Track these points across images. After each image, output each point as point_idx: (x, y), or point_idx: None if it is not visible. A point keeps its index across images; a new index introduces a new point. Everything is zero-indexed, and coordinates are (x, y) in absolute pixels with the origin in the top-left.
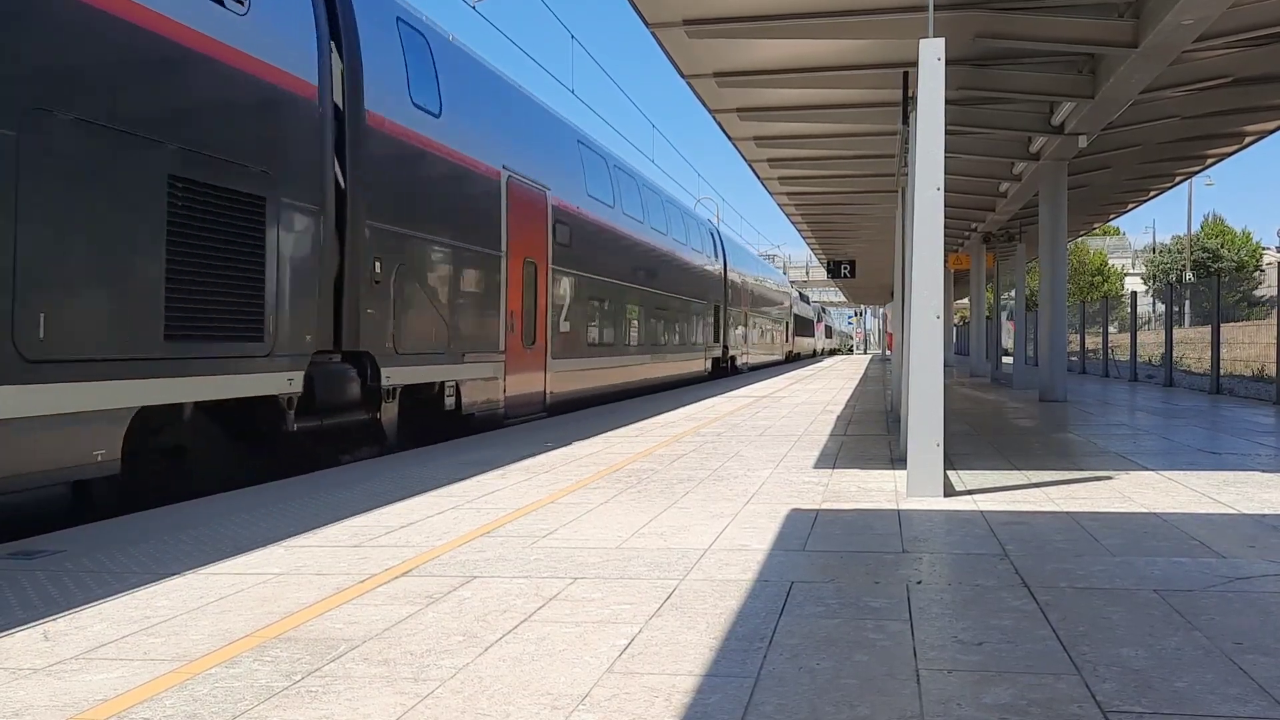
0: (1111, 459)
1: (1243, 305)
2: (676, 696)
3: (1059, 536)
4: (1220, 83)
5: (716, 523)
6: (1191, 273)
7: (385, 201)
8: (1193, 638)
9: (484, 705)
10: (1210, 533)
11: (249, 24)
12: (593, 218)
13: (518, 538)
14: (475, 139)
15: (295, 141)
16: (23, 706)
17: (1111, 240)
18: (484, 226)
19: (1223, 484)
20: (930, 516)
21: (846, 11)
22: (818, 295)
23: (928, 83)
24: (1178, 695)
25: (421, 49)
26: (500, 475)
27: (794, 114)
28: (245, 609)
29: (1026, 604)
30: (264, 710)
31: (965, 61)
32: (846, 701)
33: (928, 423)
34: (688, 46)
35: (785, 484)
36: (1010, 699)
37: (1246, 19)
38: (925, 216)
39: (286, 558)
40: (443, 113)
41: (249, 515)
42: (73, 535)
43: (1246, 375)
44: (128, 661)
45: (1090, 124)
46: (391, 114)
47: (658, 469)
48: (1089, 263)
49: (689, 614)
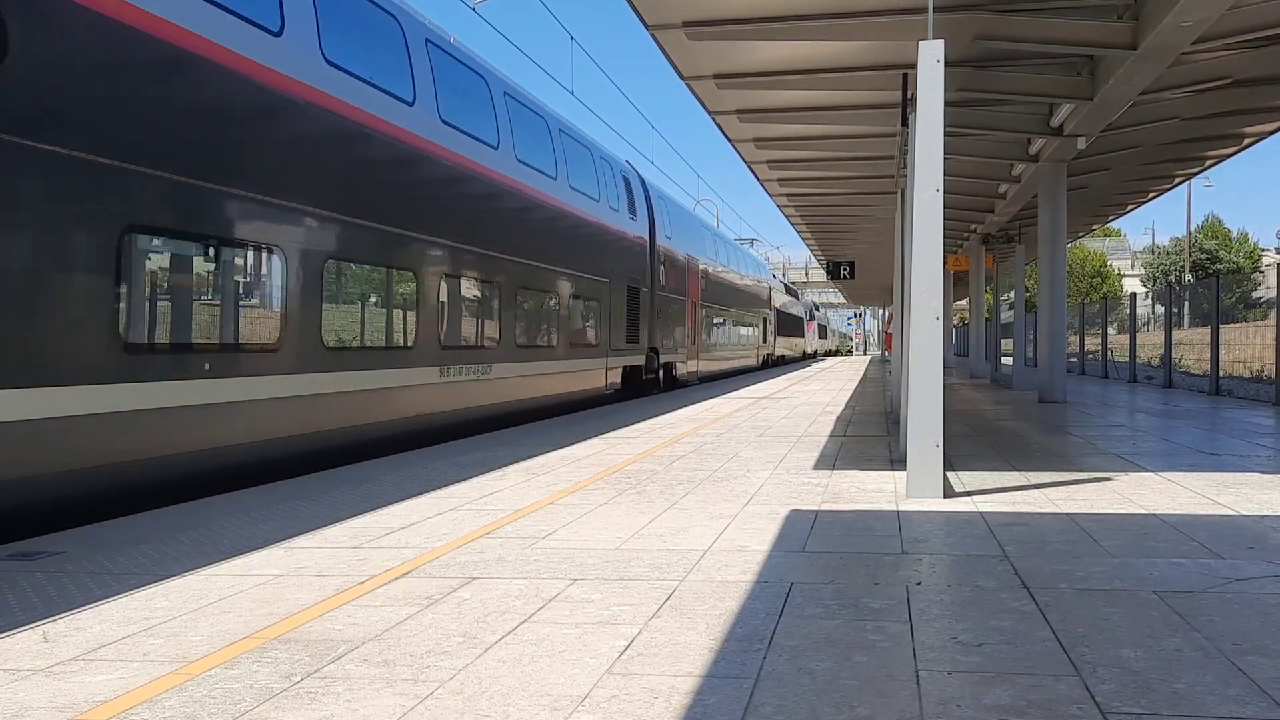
0: (1111, 460)
1: (1240, 307)
2: (676, 697)
3: (1058, 538)
4: (1219, 84)
5: (716, 524)
6: (1190, 274)
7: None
8: (1192, 639)
9: (483, 706)
10: (1209, 534)
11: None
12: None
13: (517, 539)
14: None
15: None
16: (22, 708)
17: (1111, 241)
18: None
19: (1222, 485)
20: (930, 518)
21: (846, 13)
22: (817, 296)
23: (927, 84)
24: (1177, 696)
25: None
26: (500, 476)
27: (794, 115)
28: (245, 610)
29: (1026, 605)
30: (263, 711)
31: (965, 63)
32: (846, 702)
33: (927, 424)
34: (687, 48)
35: (785, 485)
36: (1010, 700)
37: (1246, 20)
38: (925, 217)
39: (286, 559)
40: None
41: (249, 517)
42: (72, 536)
43: (1245, 376)
44: (127, 663)
45: (1089, 125)
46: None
47: (657, 470)
48: (1088, 264)
49: (689, 615)
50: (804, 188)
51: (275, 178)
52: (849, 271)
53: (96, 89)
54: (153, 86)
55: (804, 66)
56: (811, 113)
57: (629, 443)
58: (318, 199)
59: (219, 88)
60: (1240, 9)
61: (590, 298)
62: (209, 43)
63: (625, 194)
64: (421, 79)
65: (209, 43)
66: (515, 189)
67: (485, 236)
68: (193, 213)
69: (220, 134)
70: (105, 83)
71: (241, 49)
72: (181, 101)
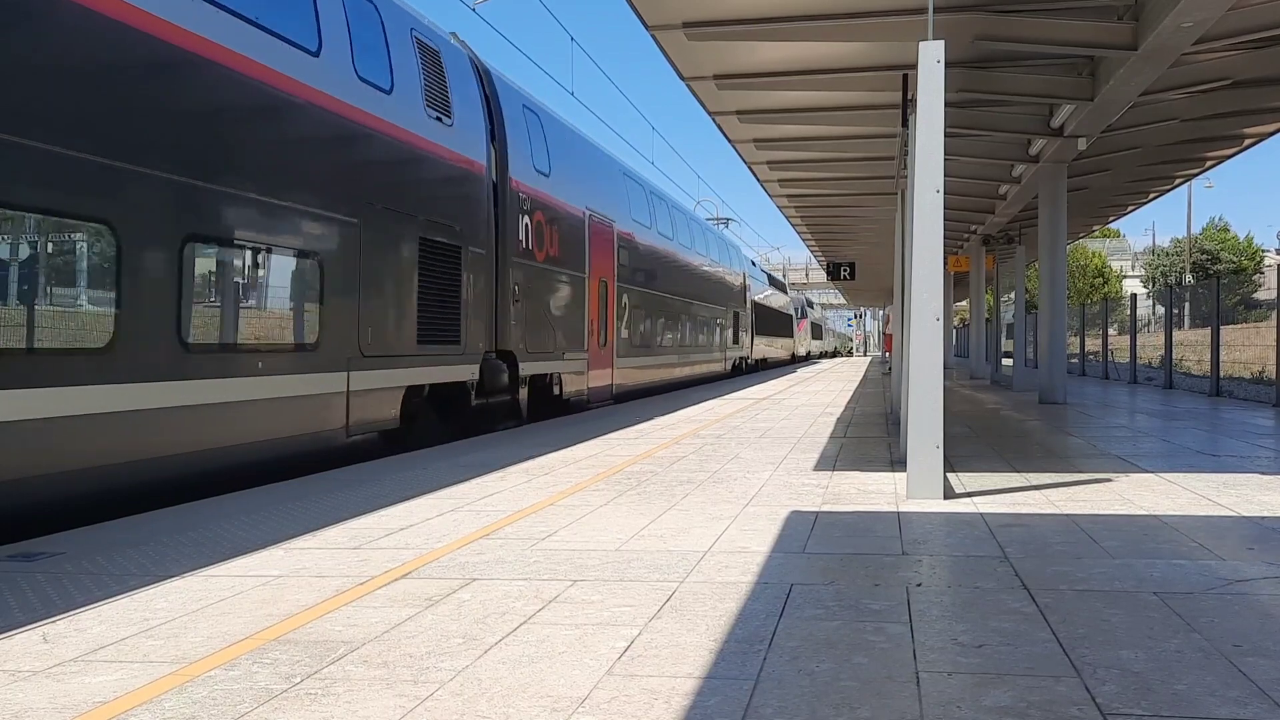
0: (1111, 461)
1: (1241, 308)
2: (676, 699)
3: (1059, 539)
4: (1220, 85)
5: (716, 525)
6: (1191, 275)
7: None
8: (1192, 640)
9: (483, 708)
10: (1210, 535)
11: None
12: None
13: (517, 540)
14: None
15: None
16: (22, 709)
17: (1111, 242)
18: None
19: (1222, 486)
20: (930, 519)
21: (846, 14)
22: (818, 297)
23: (927, 85)
24: (1178, 697)
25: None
26: (500, 477)
27: (794, 116)
28: (245, 611)
29: (1026, 606)
30: (263, 713)
31: (965, 64)
32: (846, 704)
33: (928, 425)
34: (687, 49)
35: (785, 486)
36: (1010, 701)
37: (1246, 21)
38: (925, 218)
39: (286, 560)
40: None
41: (249, 518)
42: (72, 537)
43: (1246, 378)
44: (127, 664)
45: (1090, 126)
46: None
47: (657, 471)
48: (1089, 265)
49: (689, 616)
50: (804, 188)
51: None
52: (849, 272)
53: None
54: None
55: (804, 67)
56: (812, 113)
57: (629, 443)
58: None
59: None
60: (1240, 10)
61: (306, 253)
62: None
63: (426, 77)
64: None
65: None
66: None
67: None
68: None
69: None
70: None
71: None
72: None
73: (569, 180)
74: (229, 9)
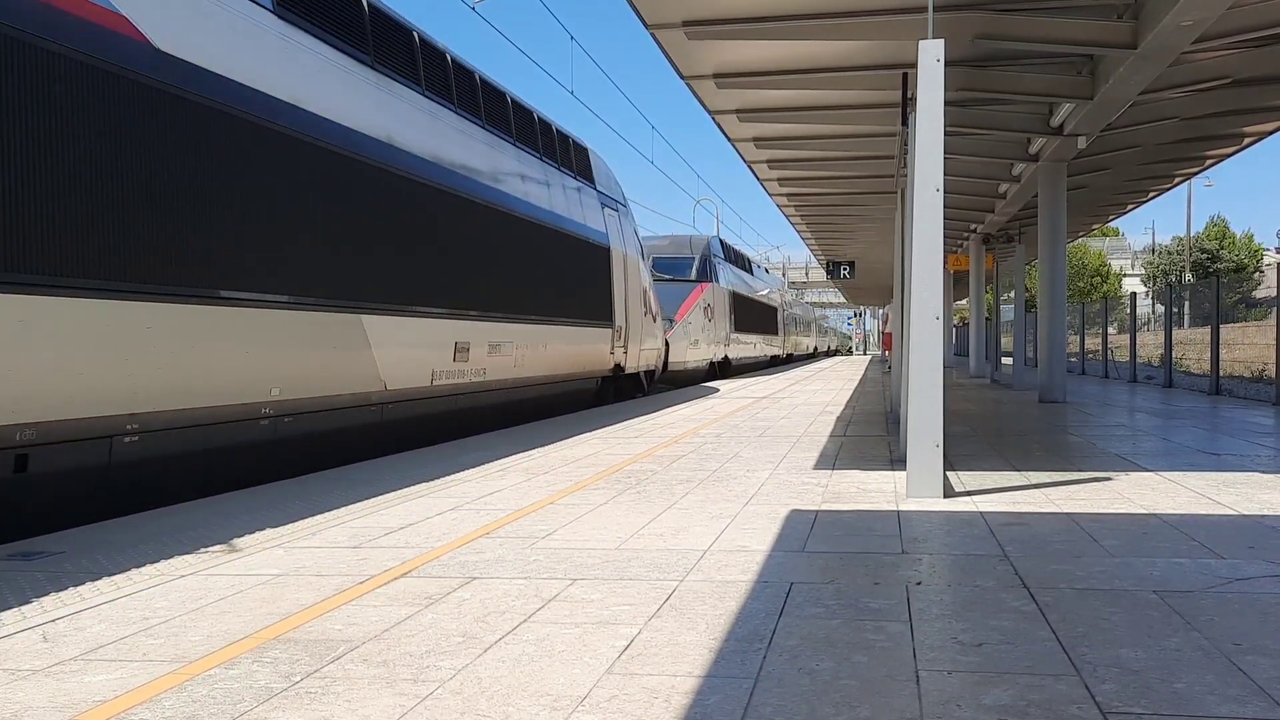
0: (1111, 460)
1: (1241, 307)
2: (676, 698)
3: (1058, 537)
4: (1220, 84)
5: (716, 524)
6: (1190, 274)
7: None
8: (1192, 638)
9: (483, 706)
10: (1210, 534)
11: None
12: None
13: (517, 539)
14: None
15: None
16: (22, 708)
17: (1111, 241)
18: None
19: (1222, 485)
20: (930, 517)
21: (846, 12)
22: (818, 296)
23: (927, 84)
24: (1177, 696)
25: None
26: (500, 476)
27: (793, 115)
28: (244, 610)
29: (1026, 605)
30: (263, 711)
31: (965, 63)
32: (846, 703)
33: (927, 423)
34: (687, 47)
35: (785, 485)
36: (1010, 700)
37: (1246, 20)
38: (925, 217)
39: (286, 559)
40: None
41: (249, 517)
42: (73, 536)
43: (1246, 376)
44: (127, 663)
45: (1089, 125)
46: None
47: (657, 470)
48: (1089, 264)
49: (688, 615)
50: (804, 187)
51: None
52: (849, 271)
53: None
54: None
55: (803, 66)
56: (811, 112)
57: (629, 442)
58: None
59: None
60: (1240, 9)
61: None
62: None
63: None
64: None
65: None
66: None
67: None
68: None
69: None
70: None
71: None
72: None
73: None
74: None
